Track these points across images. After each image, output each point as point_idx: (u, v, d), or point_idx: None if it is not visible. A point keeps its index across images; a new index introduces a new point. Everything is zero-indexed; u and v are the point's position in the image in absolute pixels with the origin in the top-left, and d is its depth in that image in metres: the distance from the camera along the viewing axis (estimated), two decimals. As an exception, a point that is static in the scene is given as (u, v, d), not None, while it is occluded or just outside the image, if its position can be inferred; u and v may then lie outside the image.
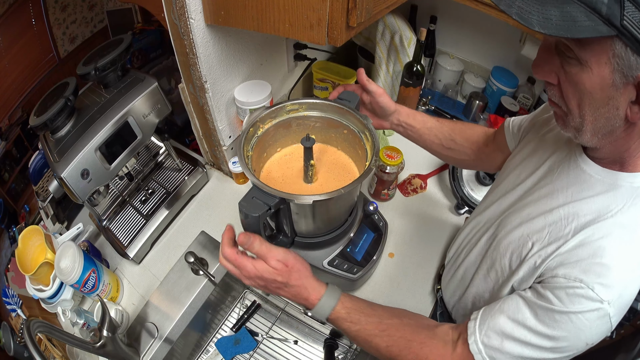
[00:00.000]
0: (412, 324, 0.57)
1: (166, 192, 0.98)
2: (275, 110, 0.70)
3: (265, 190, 0.57)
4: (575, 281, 0.44)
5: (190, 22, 0.69)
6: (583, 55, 0.39)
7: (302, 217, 0.68)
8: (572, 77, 0.42)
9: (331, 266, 0.76)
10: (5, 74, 0.94)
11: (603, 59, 0.38)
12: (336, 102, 0.70)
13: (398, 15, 1.06)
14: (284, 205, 0.61)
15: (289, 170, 0.75)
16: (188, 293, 0.84)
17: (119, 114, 0.76)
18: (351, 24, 0.58)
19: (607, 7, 0.34)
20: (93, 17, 1.10)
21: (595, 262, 0.44)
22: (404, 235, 0.96)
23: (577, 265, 0.45)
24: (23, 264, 0.78)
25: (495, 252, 0.58)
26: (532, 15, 0.36)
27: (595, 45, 0.38)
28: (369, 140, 0.66)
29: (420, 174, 1.09)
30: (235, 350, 0.92)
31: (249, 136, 0.67)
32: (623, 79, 0.38)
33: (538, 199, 0.55)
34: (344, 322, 0.56)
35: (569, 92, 0.44)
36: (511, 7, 0.37)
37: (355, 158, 0.76)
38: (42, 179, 1.03)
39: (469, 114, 1.28)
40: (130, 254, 0.88)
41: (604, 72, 0.39)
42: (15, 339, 0.88)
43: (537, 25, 0.36)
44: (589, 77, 0.40)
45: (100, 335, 0.65)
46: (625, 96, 0.39)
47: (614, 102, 0.40)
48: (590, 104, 0.42)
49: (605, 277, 0.43)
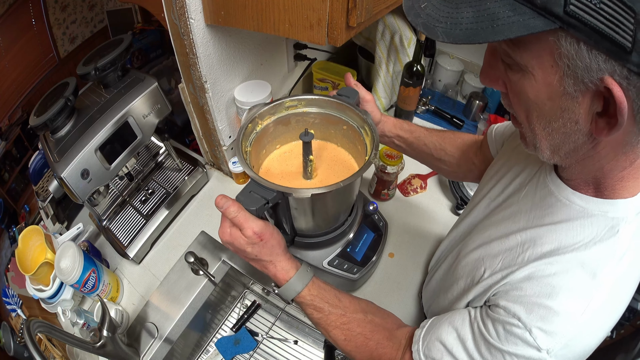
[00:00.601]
0: (375, 322, 0.55)
1: (166, 192, 0.98)
2: (274, 106, 0.70)
3: (263, 184, 0.55)
4: (513, 317, 0.39)
5: (190, 22, 0.69)
6: (520, 60, 0.32)
7: (301, 213, 0.67)
8: (514, 86, 0.35)
9: (331, 266, 0.76)
10: (5, 74, 0.94)
11: (547, 62, 0.30)
12: (335, 98, 0.70)
13: (398, 15, 1.06)
14: (282, 199, 0.60)
15: (288, 167, 0.75)
16: (188, 293, 0.84)
17: (119, 114, 0.76)
18: (351, 24, 0.58)
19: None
20: (93, 17, 1.10)
21: (540, 302, 0.38)
22: (404, 235, 0.96)
23: (520, 301, 0.39)
24: (23, 264, 0.78)
25: (455, 272, 0.55)
26: (439, 23, 0.30)
27: (533, 45, 0.30)
28: (369, 134, 0.66)
29: (420, 174, 1.09)
30: (235, 350, 0.92)
31: (247, 132, 0.66)
32: (579, 85, 0.30)
33: (501, 220, 0.50)
34: (307, 308, 0.55)
35: (515, 102, 0.37)
36: (418, 17, 0.32)
37: (355, 154, 0.75)
38: (42, 179, 1.03)
39: (469, 114, 1.28)
40: (130, 254, 0.88)
41: (550, 79, 0.31)
42: (15, 339, 0.88)
43: (442, 34, 0.30)
44: (532, 85, 0.33)
45: (100, 335, 0.65)
46: (584, 107, 0.31)
47: (569, 114, 0.32)
48: (539, 116, 0.35)
49: (548, 323, 0.37)
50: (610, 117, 0.30)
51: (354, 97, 0.70)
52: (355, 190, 0.73)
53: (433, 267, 0.74)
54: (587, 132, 0.33)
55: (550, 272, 0.38)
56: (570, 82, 0.30)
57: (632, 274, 0.39)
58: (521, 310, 0.38)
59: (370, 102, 0.71)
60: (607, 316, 0.38)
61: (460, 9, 0.30)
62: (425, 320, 0.52)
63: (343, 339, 0.54)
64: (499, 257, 0.45)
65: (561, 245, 0.39)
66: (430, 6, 0.31)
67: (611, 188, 0.38)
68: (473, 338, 0.43)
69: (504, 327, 0.39)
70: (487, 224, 0.53)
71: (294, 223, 0.70)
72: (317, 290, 0.55)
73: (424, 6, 0.32)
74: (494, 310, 0.42)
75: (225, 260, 0.89)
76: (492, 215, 0.54)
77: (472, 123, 1.28)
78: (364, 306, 0.58)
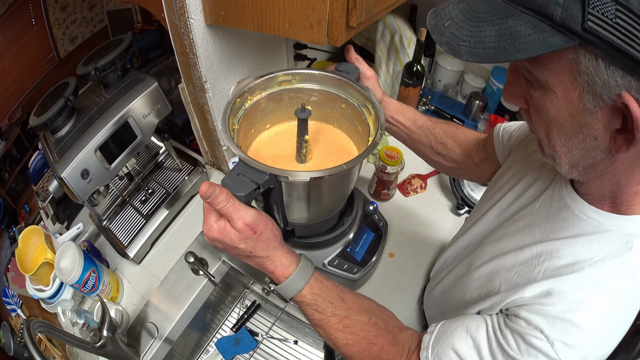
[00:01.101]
0: (378, 325, 0.52)
1: (166, 192, 0.98)
2: (265, 80, 0.63)
3: (255, 166, 0.48)
4: (535, 330, 0.39)
5: (190, 22, 0.69)
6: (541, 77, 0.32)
7: (294, 200, 0.59)
8: (536, 103, 0.35)
9: (331, 266, 0.76)
10: (5, 74, 0.94)
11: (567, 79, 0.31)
12: (334, 73, 0.64)
13: (398, 15, 1.06)
14: (275, 184, 0.51)
15: (280, 150, 0.68)
16: (188, 293, 0.84)
17: (119, 114, 0.76)
18: (351, 24, 0.58)
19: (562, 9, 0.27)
20: (93, 17, 1.10)
21: (562, 316, 0.38)
22: (404, 235, 0.96)
23: (543, 313, 0.39)
24: (23, 264, 0.78)
25: (467, 284, 0.54)
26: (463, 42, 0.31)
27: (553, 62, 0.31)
28: (372, 114, 0.59)
29: (420, 174, 1.09)
30: (235, 350, 0.92)
31: (235, 107, 0.59)
32: (598, 102, 0.30)
33: (515, 232, 0.49)
34: (308, 308, 0.50)
35: (535, 119, 0.37)
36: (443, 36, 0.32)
37: (355, 136, 0.69)
38: (42, 179, 1.03)
39: (469, 114, 1.29)
40: (130, 254, 0.88)
41: (570, 95, 0.31)
42: (15, 339, 0.88)
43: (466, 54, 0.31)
44: (552, 102, 0.33)
45: (100, 335, 0.65)
46: (603, 123, 0.31)
47: (589, 130, 0.33)
48: (559, 133, 0.35)
49: (570, 336, 0.37)
50: (629, 133, 0.30)
51: (354, 74, 0.64)
52: (354, 178, 0.67)
53: (436, 274, 0.72)
54: (606, 149, 0.33)
55: (570, 288, 0.39)
56: (590, 98, 0.30)
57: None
58: (544, 323, 0.38)
59: (371, 79, 0.66)
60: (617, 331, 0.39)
61: (483, 28, 0.30)
62: (433, 324, 0.50)
63: (345, 344, 0.50)
64: (514, 270, 0.45)
65: (578, 260, 0.40)
66: (453, 25, 0.32)
67: (627, 203, 0.38)
68: (489, 347, 0.42)
69: (524, 338, 0.39)
70: (499, 236, 0.52)
71: (286, 213, 0.62)
72: (319, 288, 0.51)
73: (448, 24, 0.32)
74: (514, 320, 0.41)
75: (225, 260, 0.89)
76: (505, 226, 0.52)
77: (472, 123, 1.28)
78: (367, 306, 0.54)
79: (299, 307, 0.53)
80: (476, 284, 0.51)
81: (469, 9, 0.32)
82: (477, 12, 0.31)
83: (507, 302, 0.43)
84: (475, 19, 0.31)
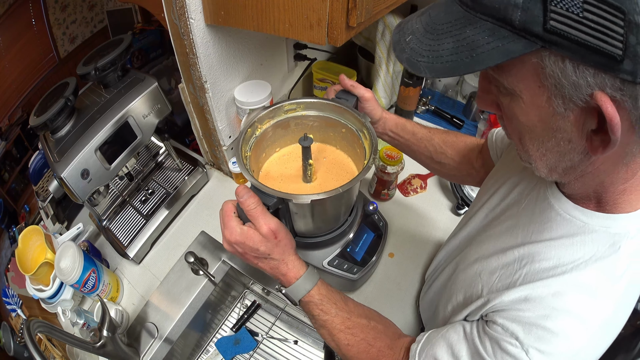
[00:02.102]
0: (378, 329, 0.54)
1: (166, 192, 0.98)
2: (273, 110, 0.70)
3: (264, 190, 0.56)
4: (511, 337, 0.38)
5: (190, 22, 0.69)
6: (507, 84, 0.31)
7: (301, 216, 0.68)
8: (506, 109, 0.35)
9: (331, 266, 0.76)
10: (5, 74, 0.94)
11: (533, 84, 0.29)
12: (334, 101, 0.70)
13: (398, 15, 1.06)
14: (282, 205, 0.61)
15: (287, 170, 0.75)
16: (188, 293, 0.84)
17: (119, 114, 0.76)
18: (351, 24, 0.58)
19: (521, 11, 0.25)
20: (93, 17, 1.10)
21: (538, 323, 0.37)
22: (404, 235, 0.96)
23: (518, 320, 0.38)
24: (23, 264, 0.78)
25: (453, 285, 0.54)
26: (422, 57, 0.30)
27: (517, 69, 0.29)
28: (367, 138, 0.66)
29: (420, 174, 1.09)
30: (235, 350, 0.92)
31: (247, 137, 0.67)
32: (568, 104, 0.29)
33: (499, 233, 0.48)
34: (315, 308, 0.53)
35: (508, 125, 0.37)
36: (403, 52, 0.31)
37: (354, 157, 0.76)
38: (42, 179, 1.03)
39: (469, 114, 1.28)
40: (130, 254, 0.88)
41: (538, 100, 0.30)
42: (15, 339, 0.88)
43: (424, 69, 0.30)
44: (521, 108, 0.32)
45: (100, 335, 0.65)
46: (577, 125, 0.30)
47: (561, 134, 0.31)
48: (532, 138, 0.34)
49: (545, 343, 0.36)
50: (605, 133, 0.28)
51: (352, 100, 0.70)
52: (354, 193, 0.74)
53: (430, 277, 0.73)
54: (583, 150, 0.32)
55: (548, 293, 0.37)
56: (559, 102, 0.29)
57: (631, 293, 0.38)
58: (519, 330, 0.37)
59: (370, 101, 0.69)
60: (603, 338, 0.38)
61: (441, 41, 0.29)
62: (422, 333, 0.51)
63: (346, 344, 0.53)
64: (496, 273, 0.44)
65: (560, 263, 0.38)
66: (414, 39, 0.31)
67: (613, 202, 0.37)
68: (469, 354, 0.42)
69: (499, 345, 0.38)
70: (484, 237, 0.52)
71: (293, 226, 0.70)
72: (325, 290, 0.55)
73: (409, 39, 0.31)
74: (491, 326, 0.41)
75: (225, 260, 0.89)
76: (490, 227, 0.52)
77: (472, 123, 1.28)
78: (367, 312, 0.57)
79: (305, 310, 0.56)
80: (461, 286, 0.51)
81: (429, 22, 0.31)
82: (437, 24, 0.30)
83: (488, 307, 0.42)
84: (435, 31, 0.30)
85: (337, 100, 0.70)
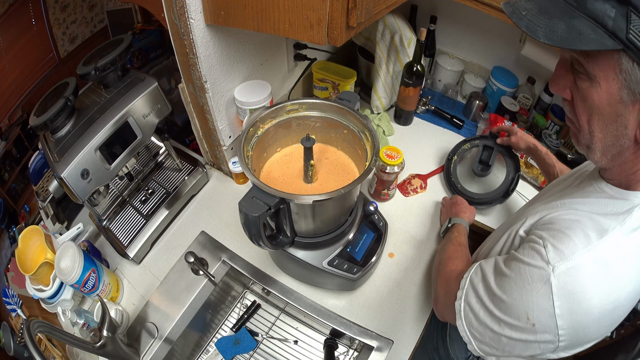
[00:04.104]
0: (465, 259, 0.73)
1: (166, 192, 0.98)
2: (275, 110, 0.70)
3: (265, 190, 0.57)
4: (539, 238, 0.49)
5: (190, 22, 0.69)
6: (591, 70, 0.41)
7: (302, 217, 0.68)
8: (582, 93, 0.44)
9: (331, 266, 0.76)
10: (5, 74, 0.94)
11: (611, 74, 0.39)
12: (336, 102, 0.70)
13: (398, 15, 1.06)
14: (284, 205, 0.61)
15: (289, 170, 0.75)
16: (188, 293, 0.84)
17: (119, 114, 0.76)
18: (351, 24, 0.58)
19: (613, 21, 0.36)
20: (93, 17, 1.10)
21: (561, 229, 0.48)
22: (404, 235, 0.96)
23: (547, 229, 0.50)
24: (23, 264, 0.78)
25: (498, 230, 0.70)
26: (539, 28, 0.40)
27: (602, 59, 0.39)
28: (369, 140, 0.66)
29: (420, 174, 1.09)
30: (235, 350, 0.92)
31: (249, 136, 0.67)
32: (631, 96, 0.39)
33: (549, 201, 0.59)
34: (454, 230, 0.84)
35: (580, 107, 0.45)
36: (521, 20, 0.41)
37: (355, 158, 0.76)
38: (42, 179, 1.03)
39: (469, 114, 1.29)
40: (130, 254, 0.88)
41: (611, 88, 0.40)
42: (15, 339, 0.88)
43: (543, 37, 0.39)
44: (597, 92, 0.41)
45: (100, 335, 0.65)
46: (634, 115, 0.40)
47: (622, 119, 0.41)
48: (599, 120, 0.43)
49: (560, 242, 0.46)
50: None
51: (354, 101, 0.70)
52: (355, 193, 0.74)
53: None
54: (632, 137, 0.42)
55: (571, 217, 0.49)
56: (626, 92, 0.39)
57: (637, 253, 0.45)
58: (545, 234, 0.49)
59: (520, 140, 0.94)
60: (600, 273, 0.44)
61: (554, 21, 0.39)
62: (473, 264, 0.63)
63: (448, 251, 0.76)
64: (539, 213, 0.56)
65: (589, 210, 0.49)
66: (530, 15, 0.41)
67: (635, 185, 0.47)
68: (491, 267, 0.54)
69: (530, 245, 0.49)
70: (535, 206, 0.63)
71: (294, 226, 0.70)
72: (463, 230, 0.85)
73: (525, 14, 0.41)
74: (527, 238, 0.52)
75: (225, 260, 0.89)
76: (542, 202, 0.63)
77: (472, 123, 1.28)
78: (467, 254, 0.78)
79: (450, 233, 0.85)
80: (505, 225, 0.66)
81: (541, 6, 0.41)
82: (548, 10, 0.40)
83: (527, 225, 0.56)
84: (547, 14, 0.40)
85: (339, 101, 0.70)
